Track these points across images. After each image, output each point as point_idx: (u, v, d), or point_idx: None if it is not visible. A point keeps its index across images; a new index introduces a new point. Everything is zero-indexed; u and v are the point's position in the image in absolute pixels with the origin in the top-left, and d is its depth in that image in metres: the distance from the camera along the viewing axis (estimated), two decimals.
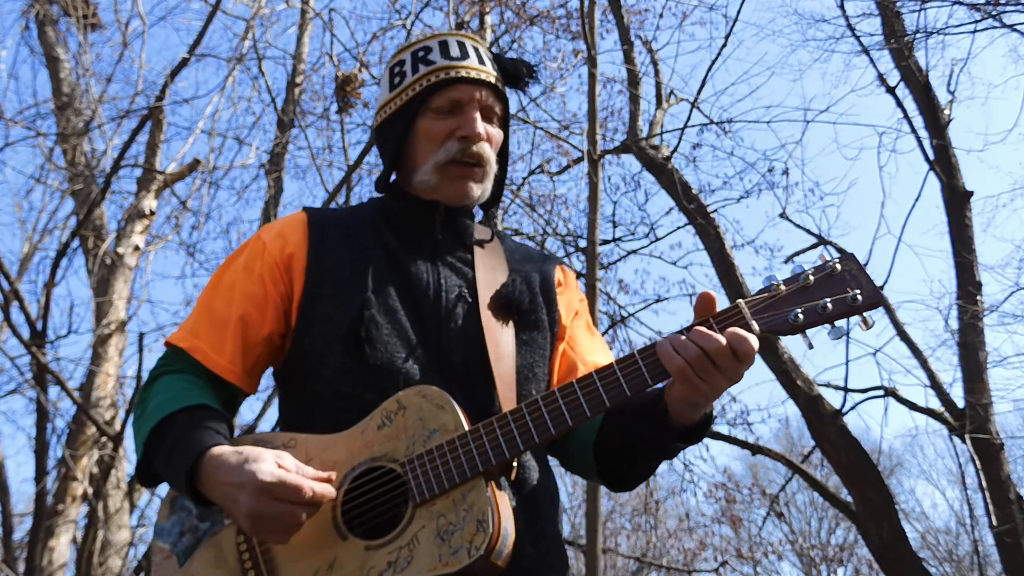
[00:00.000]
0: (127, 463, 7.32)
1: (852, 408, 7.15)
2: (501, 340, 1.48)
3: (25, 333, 5.83)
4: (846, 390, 6.93)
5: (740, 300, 1.31)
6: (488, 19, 7.70)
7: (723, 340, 1.25)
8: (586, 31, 5.89)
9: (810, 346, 1.32)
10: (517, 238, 4.26)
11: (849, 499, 6.70)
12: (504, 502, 1.29)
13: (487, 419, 1.32)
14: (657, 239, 8.51)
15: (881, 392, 7.50)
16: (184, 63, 6.21)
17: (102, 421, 6.45)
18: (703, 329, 1.27)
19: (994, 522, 6.25)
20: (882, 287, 7.67)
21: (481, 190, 1.62)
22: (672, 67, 15.49)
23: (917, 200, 9.31)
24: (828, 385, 7.79)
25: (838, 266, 1.30)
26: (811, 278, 1.30)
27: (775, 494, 9.81)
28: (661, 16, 8.64)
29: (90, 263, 7.50)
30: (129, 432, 7.53)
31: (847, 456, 6.27)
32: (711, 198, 8.37)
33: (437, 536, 1.24)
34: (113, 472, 6.53)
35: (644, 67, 8.34)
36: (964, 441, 6.58)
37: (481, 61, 1.64)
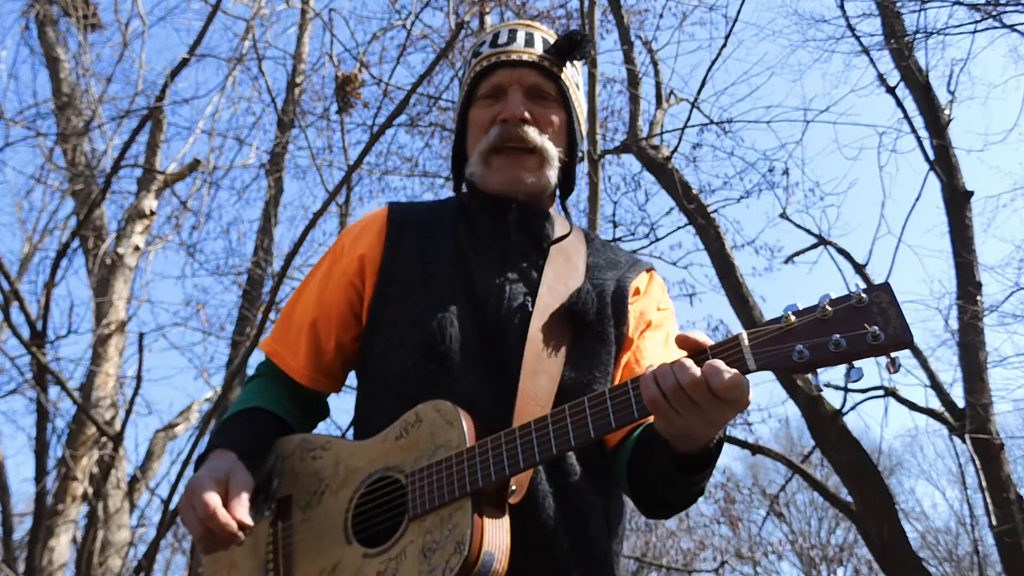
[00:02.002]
0: (127, 463, 7.33)
1: (852, 408, 7.17)
2: (544, 354, 1.38)
3: (25, 333, 5.81)
4: (846, 390, 6.92)
5: (743, 331, 1.15)
6: (488, 19, 7.70)
7: (698, 372, 1.10)
8: (586, 31, 5.89)
9: (818, 388, 1.18)
10: None
11: (849, 499, 6.70)
12: (493, 525, 1.24)
13: (483, 440, 1.27)
14: (657, 239, 8.51)
15: (881, 392, 7.50)
16: (184, 63, 6.19)
17: (102, 421, 6.45)
18: (685, 360, 1.13)
19: (994, 522, 6.24)
20: None
21: (537, 178, 1.52)
22: (672, 67, 15.54)
23: (917, 200, 9.33)
24: (828, 385, 7.77)
25: (864, 296, 1.09)
26: (829, 309, 1.10)
27: (775, 494, 9.81)
28: (661, 16, 8.64)
29: (90, 263, 7.49)
30: (129, 432, 7.56)
31: (847, 456, 6.27)
32: (711, 198, 8.38)
33: (421, 552, 1.24)
34: (113, 472, 6.52)
35: (644, 67, 8.34)
36: (964, 441, 6.58)
37: (530, 44, 1.57)
